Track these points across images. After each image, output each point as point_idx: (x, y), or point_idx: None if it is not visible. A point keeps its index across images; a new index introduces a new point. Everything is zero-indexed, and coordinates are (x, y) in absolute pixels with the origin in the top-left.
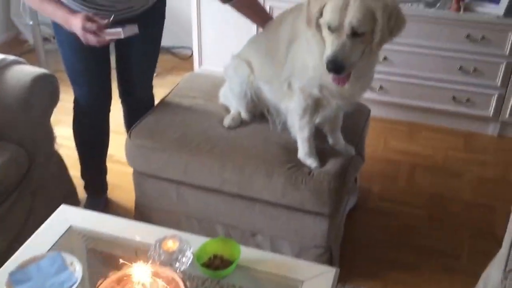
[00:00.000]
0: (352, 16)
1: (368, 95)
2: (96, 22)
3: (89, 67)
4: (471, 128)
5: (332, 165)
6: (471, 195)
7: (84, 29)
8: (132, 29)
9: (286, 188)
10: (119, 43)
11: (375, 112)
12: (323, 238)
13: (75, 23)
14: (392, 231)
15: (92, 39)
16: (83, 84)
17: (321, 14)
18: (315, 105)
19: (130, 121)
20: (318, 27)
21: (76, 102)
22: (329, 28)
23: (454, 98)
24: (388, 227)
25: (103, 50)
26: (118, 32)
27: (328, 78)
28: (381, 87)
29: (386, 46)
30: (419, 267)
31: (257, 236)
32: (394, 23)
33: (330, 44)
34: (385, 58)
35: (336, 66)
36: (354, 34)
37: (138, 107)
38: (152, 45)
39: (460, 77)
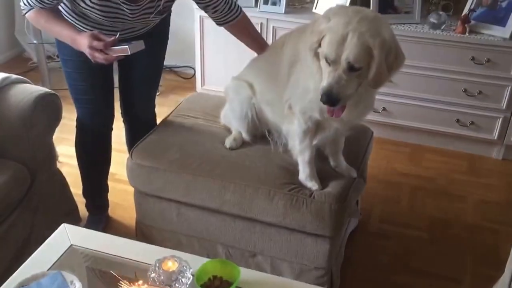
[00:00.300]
0: (349, 52)
1: (371, 116)
2: (102, 40)
3: (92, 86)
4: (475, 151)
5: (333, 187)
6: (474, 218)
7: (91, 47)
8: (138, 45)
9: (287, 210)
10: (122, 63)
11: (378, 133)
12: (324, 260)
13: (82, 42)
14: (393, 253)
15: (99, 57)
16: (85, 102)
17: (320, 44)
18: (315, 128)
19: (132, 140)
20: (317, 55)
21: (78, 120)
22: (326, 60)
23: (458, 120)
24: (390, 250)
25: (106, 69)
26: (125, 49)
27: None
28: (384, 109)
29: None
30: None
31: (257, 256)
32: (393, 60)
33: (326, 76)
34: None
35: (331, 98)
36: (351, 68)
37: (140, 126)
38: (155, 66)
39: (464, 99)
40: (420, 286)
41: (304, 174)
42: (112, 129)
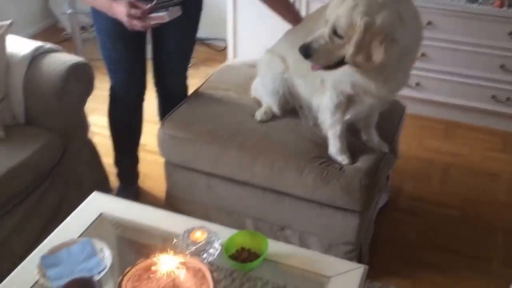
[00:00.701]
0: (337, 14)
1: (403, 91)
2: (139, 7)
3: (125, 56)
4: (510, 128)
5: (364, 161)
6: (507, 197)
7: (129, 15)
8: (176, 11)
9: (316, 184)
10: (155, 33)
11: (411, 109)
12: (353, 235)
13: (119, 11)
14: (423, 231)
15: (137, 25)
16: (119, 72)
17: None
18: (347, 103)
19: (164, 111)
20: None
21: (111, 89)
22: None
23: (493, 96)
24: (420, 227)
25: (140, 39)
26: (163, 16)
27: (358, 76)
28: (417, 84)
29: (425, 42)
30: (450, 269)
31: (286, 230)
32: (375, 47)
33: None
34: (423, 54)
35: (305, 51)
36: (335, 32)
37: (172, 97)
38: (188, 36)
39: (501, 75)
40: (449, 264)
41: (334, 148)
42: (144, 99)
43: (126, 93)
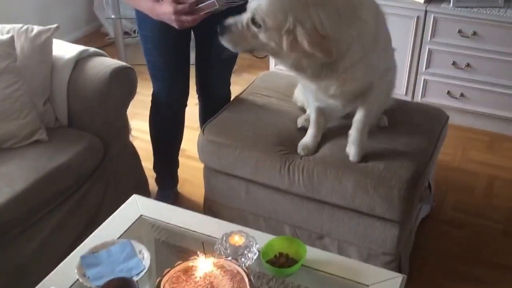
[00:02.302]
0: (258, 2)
1: (448, 102)
2: (185, 1)
3: (169, 62)
4: None
5: (404, 170)
6: None
7: (177, 12)
8: None
9: (355, 192)
10: (199, 40)
11: (455, 119)
12: (393, 245)
13: (164, 11)
14: (465, 244)
15: (187, 20)
16: (162, 78)
17: None
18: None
19: (206, 117)
20: None
21: (154, 95)
22: None
23: None
24: (462, 240)
25: (184, 46)
26: (212, 3)
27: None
28: (462, 95)
29: (470, 52)
30: (491, 284)
31: (324, 238)
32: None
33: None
34: (468, 65)
35: (221, 29)
36: (253, 20)
37: (215, 103)
38: None
39: None
40: (491, 278)
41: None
42: (186, 105)
43: (169, 99)
